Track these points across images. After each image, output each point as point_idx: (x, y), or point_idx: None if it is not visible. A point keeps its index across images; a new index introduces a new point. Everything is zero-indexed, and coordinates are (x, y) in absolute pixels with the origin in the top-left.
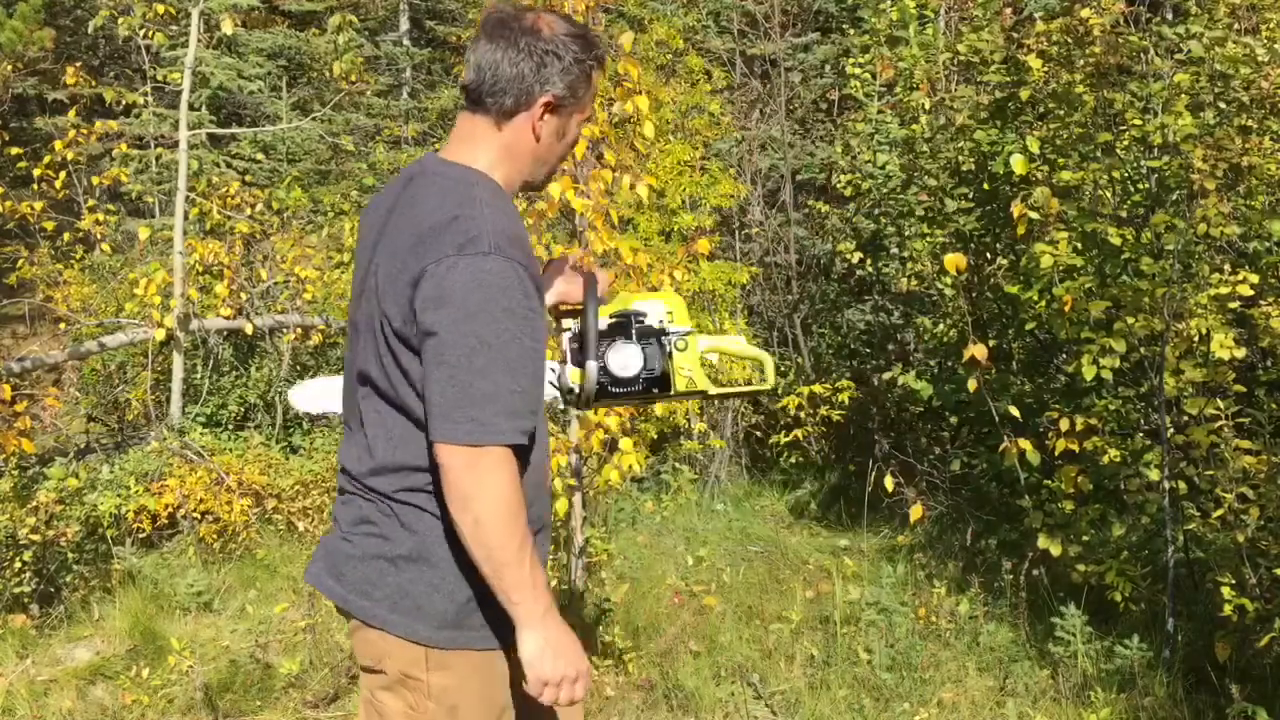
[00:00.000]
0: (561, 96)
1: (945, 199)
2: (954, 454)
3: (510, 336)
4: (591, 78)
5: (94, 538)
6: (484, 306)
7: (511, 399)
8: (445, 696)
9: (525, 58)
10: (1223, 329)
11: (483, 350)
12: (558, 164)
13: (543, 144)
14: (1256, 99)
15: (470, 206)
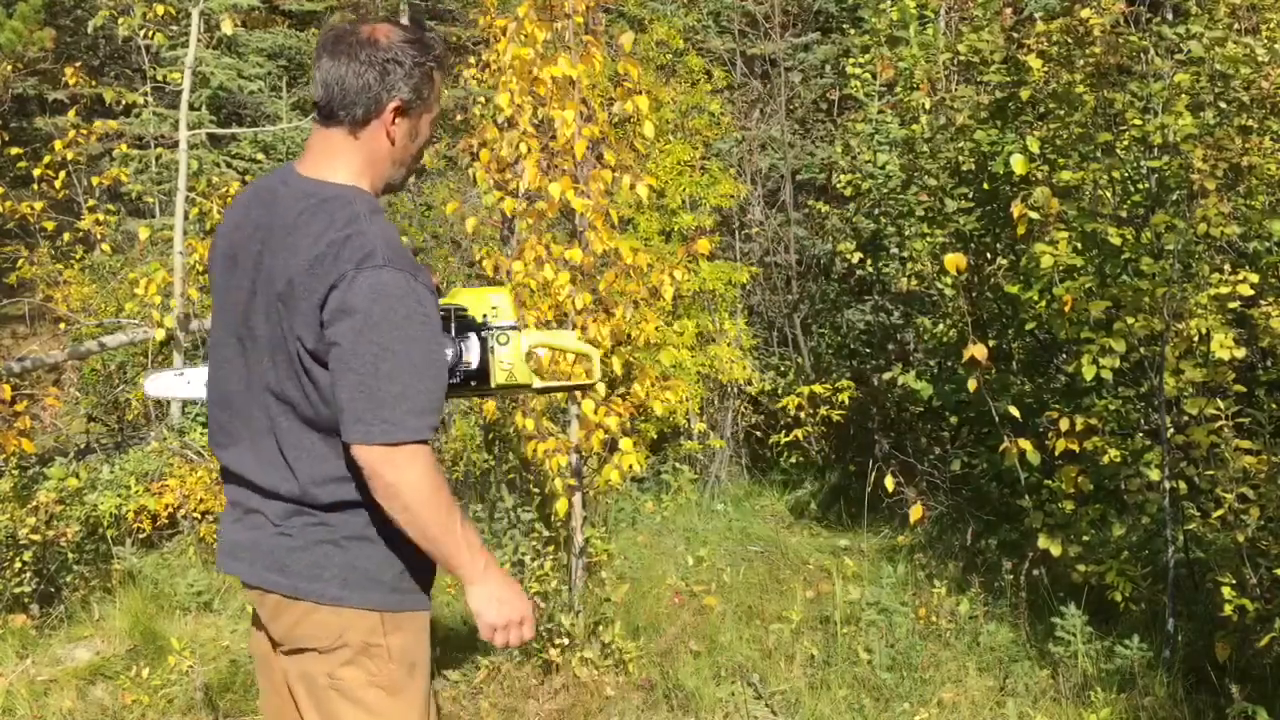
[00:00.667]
0: (408, 100)
1: (945, 199)
2: (954, 454)
3: (411, 341)
4: (434, 78)
5: (94, 538)
6: (386, 316)
7: (418, 398)
8: (405, 655)
9: (368, 68)
10: (1223, 329)
11: (387, 356)
12: (414, 164)
13: (398, 146)
14: (1256, 99)
15: (358, 223)
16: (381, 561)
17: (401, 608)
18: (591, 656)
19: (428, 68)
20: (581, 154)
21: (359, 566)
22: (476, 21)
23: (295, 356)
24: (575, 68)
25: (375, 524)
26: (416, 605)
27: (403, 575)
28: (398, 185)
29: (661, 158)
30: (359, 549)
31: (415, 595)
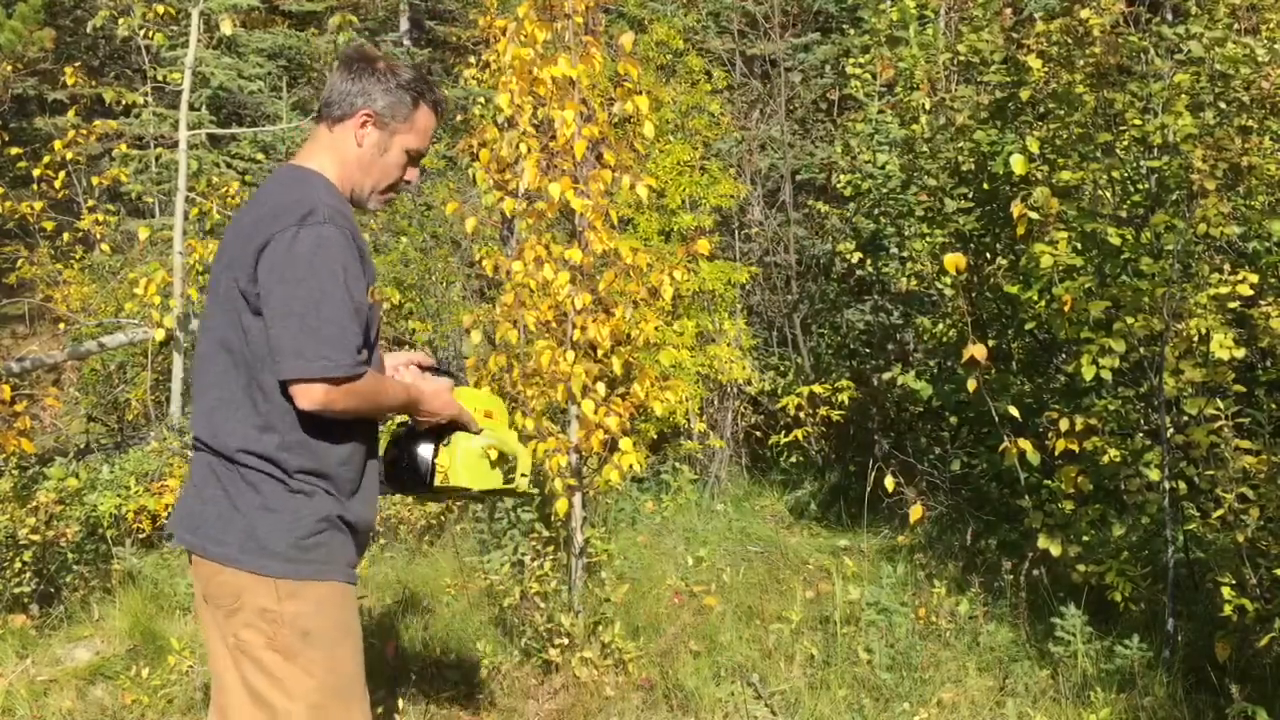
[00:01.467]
0: (379, 111)
1: (945, 199)
2: (954, 454)
3: (347, 289)
4: (416, 105)
5: (94, 538)
6: (326, 264)
7: (351, 338)
8: (297, 622)
9: (354, 78)
10: (1222, 329)
11: (326, 301)
12: (383, 181)
13: (365, 151)
14: (1256, 99)
15: (306, 189)
16: (278, 531)
17: (298, 576)
18: (591, 656)
19: (411, 92)
20: (581, 154)
21: (257, 535)
22: (476, 21)
23: (234, 300)
24: (575, 68)
25: (275, 495)
26: (315, 575)
27: (299, 546)
28: (365, 201)
29: (661, 158)
30: (257, 518)
31: (313, 566)
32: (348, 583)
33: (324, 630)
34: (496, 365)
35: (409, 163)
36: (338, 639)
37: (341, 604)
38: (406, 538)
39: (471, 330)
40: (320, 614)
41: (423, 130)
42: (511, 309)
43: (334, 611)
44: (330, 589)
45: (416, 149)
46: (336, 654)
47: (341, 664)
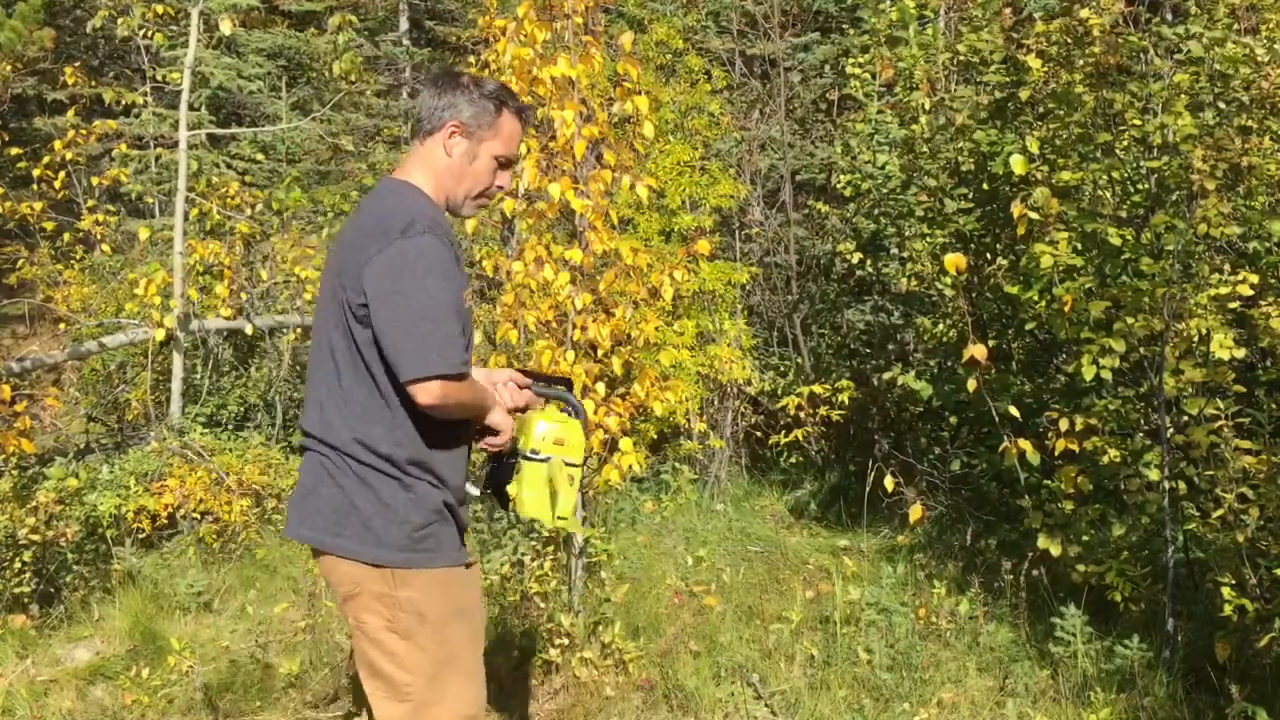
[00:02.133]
0: (465, 122)
1: (945, 199)
2: (954, 454)
3: (452, 294)
4: (500, 113)
5: (94, 538)
6: (430, 272)
7: (459, 339)
8: (412, 606)
9: (441, 94)
10: (1222, 329)
11: (435, 306)
12: (475, 187)
13: (455, 160)
14: (1256, 99)
15: (405, 201)
16: (390, 524)
17: (409, 565)
18: (591, 657)
19: (494, 102)
20: (581, 154)
21: (372, 528)
22: (476, 21)
23: (343, 311)
24: (575, 68)
25: (388, 490)
26: (427, 564)
27: (411, 538)
28: (459, 208)
29: (661, 158)
30: (372, 511)
31: (424, 555)
32: (458, 565)
33: (435, 611)
34: (496, 365)
35: (499, 168)
36: (448, 618)
37: (451, 585)
38: None
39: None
40: (430, 597)
41: (508, 136)
42: (511, 309)
43: (443, 593)
44: (440, 573)
45: (504, 154)
46: (448, 632)
47: (454, 639)
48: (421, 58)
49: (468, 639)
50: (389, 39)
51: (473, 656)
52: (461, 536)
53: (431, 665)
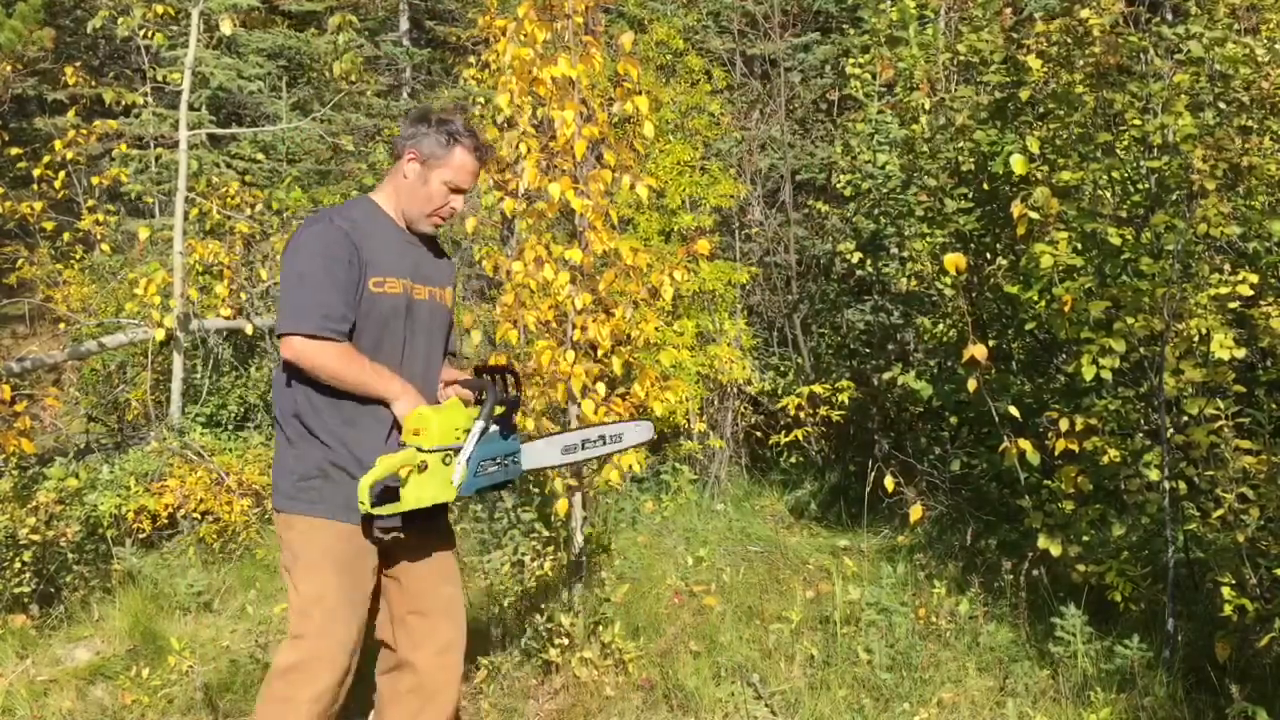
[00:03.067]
0: (422, 151)
1: (945, 199)
2: (954, 454)
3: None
4: (451, 147)
5: (94, 538)
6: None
7: (326, 309)
8: (290, 546)
9: (410, 126)
10: (1222, 329)
11: (305, 276)
12: (427, 207)
13: (409, 182)
14: (1256, 99)
15: (341, 205)
16: (281, 472)
17: (291, 510)
18: (591, 657)
19: (445, 137)
20: (581, 154)
21: (274, 476)
22: (476, 21)
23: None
24: (575, 68)
25: (283, 445)
26: (304, 511)
27: (295, 486)
28: (415, 222)
29: (661, 158)
30: (277, 463)
31: (306, 504)
32: (343, 521)
33: (308, 554)
34: (496, 365)
35: (451, 193)
36: (319, 563)
37: (327, 535)
38: None
39: (471, 330)
40: (306, 541)
41: (458, 167)
42: (511, 309)
43: (319, 540)
44: (318, 522)
45: (453, 182)
46: (319, 575)
47: (324, 583)
48: (421, 58)
49: (338, 587)
50: (389, 39)
51: (343, 603)
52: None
53: (302, 601)
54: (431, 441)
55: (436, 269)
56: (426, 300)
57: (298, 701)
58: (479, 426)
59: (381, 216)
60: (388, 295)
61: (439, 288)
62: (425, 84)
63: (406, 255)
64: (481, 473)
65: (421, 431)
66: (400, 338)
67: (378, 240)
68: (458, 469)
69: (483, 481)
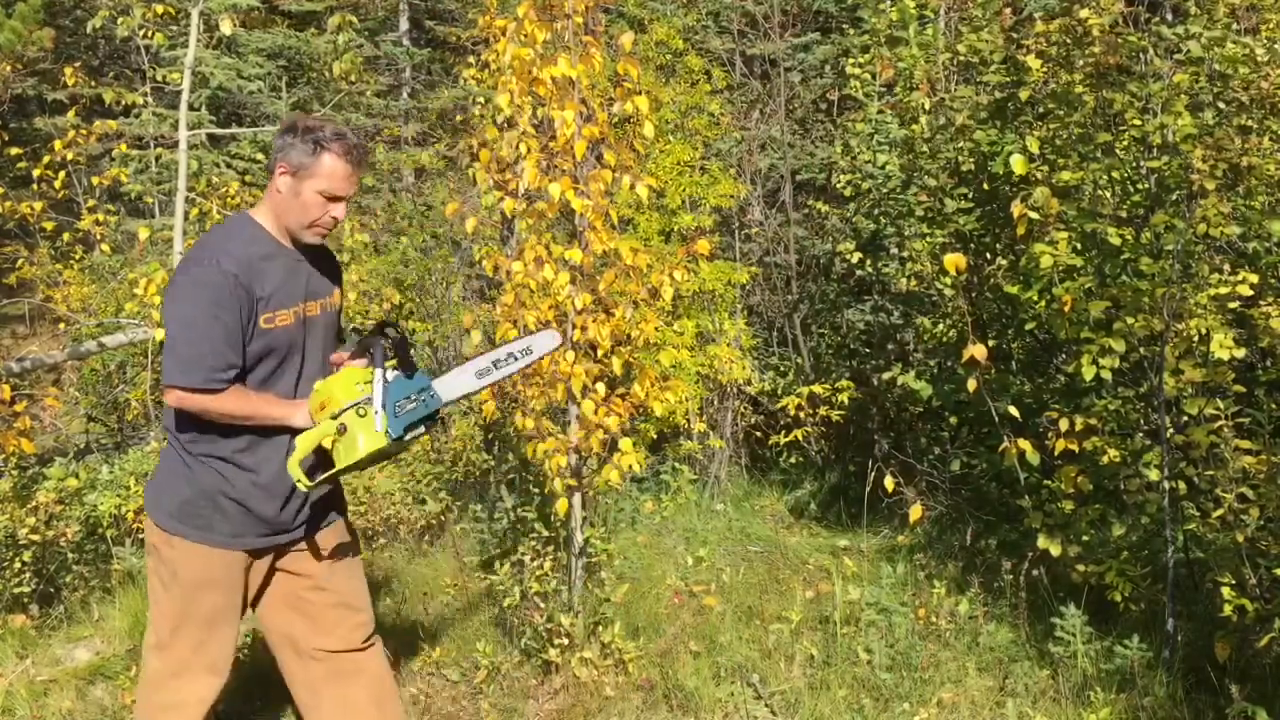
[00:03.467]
0: (291, 163)
1: (945, 199)
2: (954, 454)
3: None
4: (319, 155)
5: (94, 538)
6: (188, 298)
7: (209, 359)
8: (169, 564)
9: (280, 137)
10: (1222, 329)
11: (184, 329)
12: (305, 219)
13: (283, 196)
14: (1256, 99)
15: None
16: (166, 489)
17: (175, 532)
18: (591, 657)
19: (311, 145)
20: (581, 154)
21: (156, 489)
22: (476, 21)
23: None
24: (575, 68)
25: (173, 461)
26: (187, 535)
27: (181, 510)
28: (297, 234)
29: (661, 158)
30: (158, 481)
31: (188, 529)
32: (229, 548)
33: (188, 575)
34: None
35: (328, 201)
36: (200, 585)
37: (211, 560)
38: (406, 538)
39: (471, 330)
40: (184, 564)
41: (328, 174)
42: (511, 309)
43: (200, 569)
44: (199, 549)
45: (328, 190)
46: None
47: (200, 603)
48: (421, 58)
49: (212, 606)
50: (389, 39)
51: (217, 624)
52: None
53: (175, 616)
54: (338, 404)
55: (323, 278)
56: (318, 315)
57: (186, 705)
58: (379, 374)
59: (265, 240)
60: (280, 329)
61: (328, 296)
62: (425, 84)
63: (296, 277)
64: (401, 411)
65: (326, 400)
66: (297, 363)
67: (267, 272)
68: (377, 416)
69: (407, 418)
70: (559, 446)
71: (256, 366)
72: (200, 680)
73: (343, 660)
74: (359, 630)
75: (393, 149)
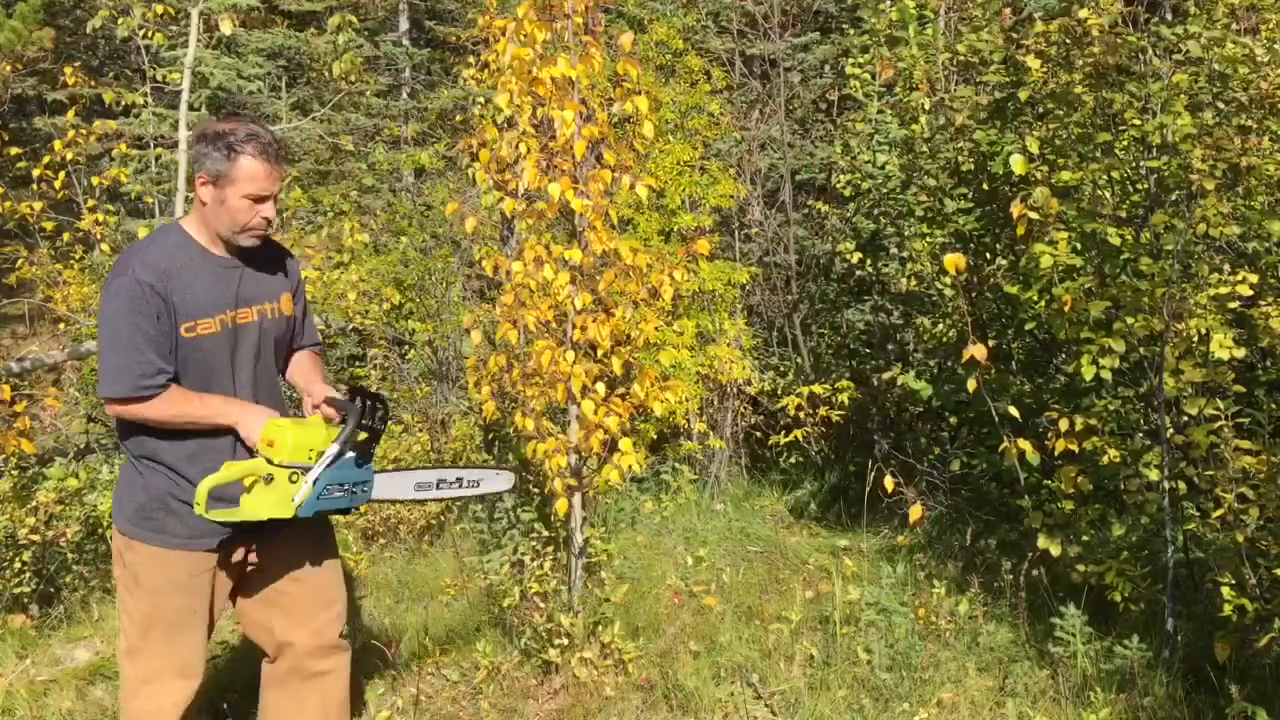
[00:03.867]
0: (209, 172)
1: (945, 199)
2: (954, 454)
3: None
4: (234, 159)
5: (94, 538)
6: (113, 311)
7: (136, 368)
8: (131, 568)
9: (195, 146)
10: (1222, 329)
11: (111, 340)
12: (235, 224)
13: (209, 207)
14: (1255, 99)
15: (143, 242)
16: (125, 496)
17: (134, 536)
18: (591, 657)
19: (225, 152)
20: (581, 154)
21: (117, 495)
22: (476, 21)
23: None
24: (575, 68)
25: (127, 472)
26: (147, 539)
27: (138, 515)
28: (232, 240)
29: (661, 158)
30: (118, 489)
31: (147, 533)
32: (185, 549)
33: (150, 579)
34: (496, 365)
35: (256, 203)
36: (161, 587)
37: (170, 563)
38: (406, 538)
39: (471, 330)
40: (146, 568)
41: (247, 177)
42: (511, 309)
43: (163, 571)
44: (160, 552)
45: (252, 193)
46: (159, 599)
47: (164, 606)
48: (421, 58)
49: (177, 610)
50: (389, 39)
51: (183, 628)
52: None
53: (142, 621)
54: (282, 456)
55: (264, 284)
56: (254, 322)
57: (161, 711)
58: (333, 450)
59: (191, 248)
60: (203, 337)
61: (270, 301)
62: (425, 84)
63: (224, 284)
64: (326, 496)
65: (276, 444)
66: (228, 372)
67: (187, 280)
68: (302, 488)
69: (324, 505)
70: (559, 446)
71: (185, 376)
72: (172, 684)
73: (308, 660)
74: (334, 624)
75: (393, 149)
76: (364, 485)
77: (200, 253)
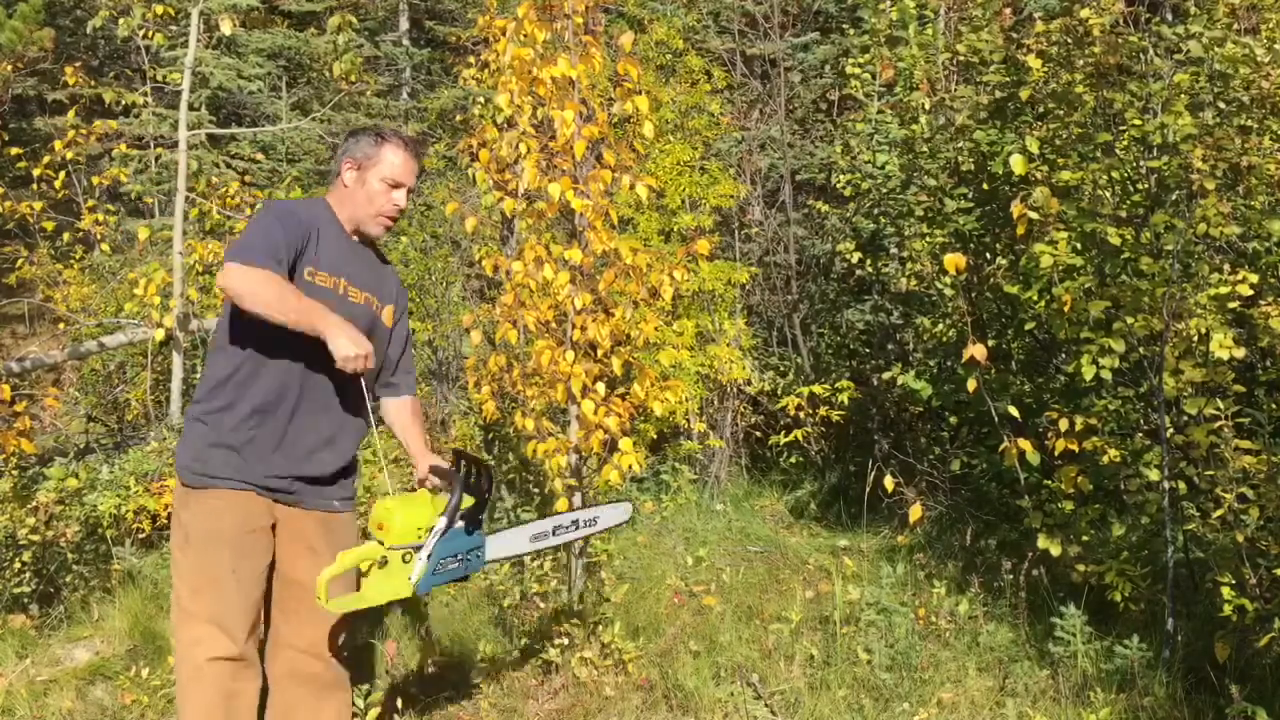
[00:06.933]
0: (356, 156)
1: (945, 199)
2: (954, 454)
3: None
4: (380, 145)
5: (94, 538)
6: (261, 216)
7: (261, 251)
8: (183, 525)
9: (346, 140)
10: (1222, 329)
11: (249, 231)
12: (370, 208)
13: (349, 189)
14: (1256, 99)
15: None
16: (183, 447)
17: (191, 484)
18: (591, 656)
19: (374, 137)
20: (581, 154)
21: (179, 456)
22: (476, 21)
23: None
24: (575, 68)
25: (184, 433)
26: (203, 485)
27: (195, 460)
28: (364, 225)
29: (661, 158)
30: (179, 446)
31: (203, 478)
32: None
33: (200, 537)
34: (496, 365)
35: (391, 189)
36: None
37: (220, 512)
38: None
39: (471, 330)
40: (197, 520)
41: (390, 162)
42: (511, 309)
43: (214, 520)
44: (211, 497)
45: (391, 178)
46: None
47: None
48: (421, 58)
49: (225, 567)
50: (389, 39)
51: (229, 585)
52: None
53: (193, 578)
54: (393, 538)
55: (376, 281)
56: (362, 304)
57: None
58: (441, 524)
59: (333, 219)
60: (318, 286)
61: (376, 297)
62: (425, 84)
63: (347, 258)
64: (441, 569)
65: (386, 527)
66: (303, 364)
67: (325, 237)
68: (417, 566)
69: (441, 579)
70: (559, 446)
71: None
72: (219, 642)
73: (305, 662)
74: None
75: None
76: (477, 551)
77: (338, 225)
